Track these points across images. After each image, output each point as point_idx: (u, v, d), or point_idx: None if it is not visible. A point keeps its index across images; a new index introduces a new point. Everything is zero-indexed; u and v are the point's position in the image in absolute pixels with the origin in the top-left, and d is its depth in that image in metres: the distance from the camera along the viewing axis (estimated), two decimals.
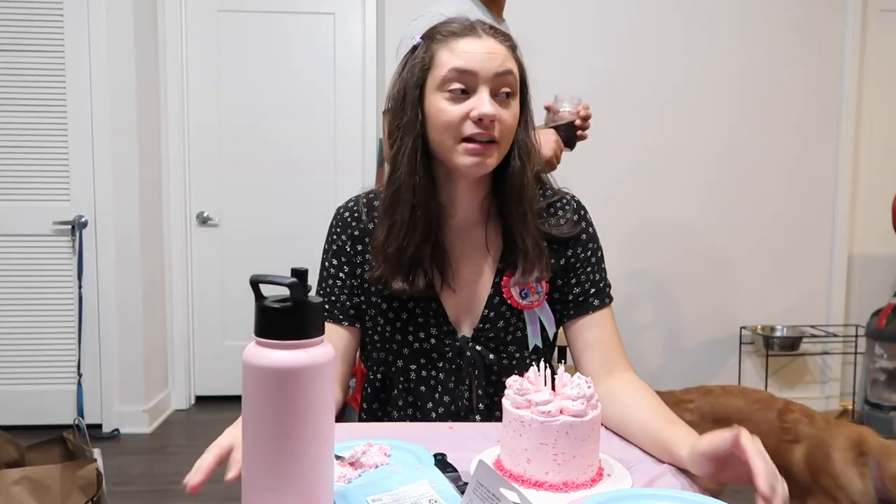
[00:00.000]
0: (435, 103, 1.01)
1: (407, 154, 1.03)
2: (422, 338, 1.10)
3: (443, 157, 1.04)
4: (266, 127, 3.39)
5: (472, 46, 1.00)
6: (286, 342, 0.64)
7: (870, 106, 3.39)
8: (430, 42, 1.04)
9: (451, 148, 1.01)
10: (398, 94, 1.05)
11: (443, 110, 1.00)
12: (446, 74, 1.00)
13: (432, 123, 1.02)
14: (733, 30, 3.25)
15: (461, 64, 0.99)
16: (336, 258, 1.12)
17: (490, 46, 1.01)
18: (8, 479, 1.72)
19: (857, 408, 3.32)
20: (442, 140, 1.02)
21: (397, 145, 1.05)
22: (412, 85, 1.03)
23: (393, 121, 1.06)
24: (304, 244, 3.35)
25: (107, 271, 3.02)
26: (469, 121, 1.00)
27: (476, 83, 1.00)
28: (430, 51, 1.03)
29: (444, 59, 1.01)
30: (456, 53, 1.00)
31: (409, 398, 1.12)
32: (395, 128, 1.06)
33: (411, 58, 1.05)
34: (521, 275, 1.07)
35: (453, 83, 1.00)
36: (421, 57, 1.03)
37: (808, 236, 3.38)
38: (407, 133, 1.03)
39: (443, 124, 1.01)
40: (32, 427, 2.92)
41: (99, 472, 1.84)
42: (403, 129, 1.04)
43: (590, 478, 0.81)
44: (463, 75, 0.99)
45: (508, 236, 1.09)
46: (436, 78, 1.01)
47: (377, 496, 0.73)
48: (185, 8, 3.32)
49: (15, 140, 2.94)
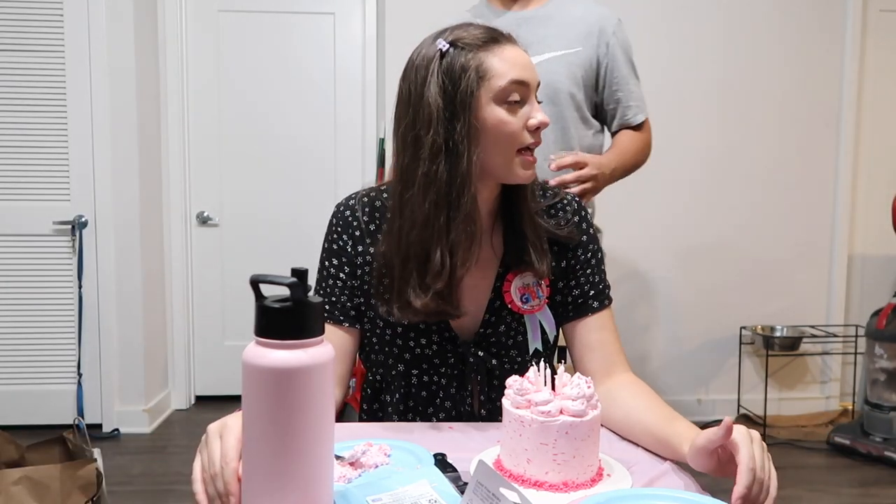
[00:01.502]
0: (494, 114, 0.98)
1: (471, 168, 0.97)
2: (423, 343, 1.09)
3: (496, 168, 1.02)
4: (266, 127, 3.39)
5: (517, 56, 1.00)
6: (286, 342, 0.64)
7: (870, 106, 3.39)
8: (466, 50, 0.98)
9: (510, 159, 1.01)
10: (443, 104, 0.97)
11: (505, 121, 0.99)
12: (507, 86, 0.98)
13: (490, 135, 0.99)
14: (732, 30, 3.25)
15: (519, 75, 0.99)
16: (336, 258, 1.10)
17: (526, 55, 1.03)
18: (8, 479, 1.72)
19: (857, 408, 3.32)
20: (500, 151, 1.00)
21: (453, 160, 0.97)
22: (468, 95, 0.97)
23: (438, 133, 0.97)
24: (305, 244, 3.34)
25: (107, 271, 3.02)
26: (526, 130, 1.01)
27: (528, 93, 1.01)
28: (476, 59, 0.98)
29: (500, 68, 0.98)
30: (509, 63, 0.98)
31: (409, 402, 1.12)
32: (446, 140, 0.97)
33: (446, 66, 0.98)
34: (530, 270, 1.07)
35: (513, 94, 0.99)
36: (469, 65, 0.97)
37: (807, 236, 3.38)
38: (470, 146, 0.97)
39: (507, 136, 0.99)
40: (32, 427, 2.91)
41: (99, 472, 1.84)
42: (465, 141, 0.97)
43: (590, 478, 0.81)
44: (520, 87, 0.99)
45: (510, 240, 1.08)
46: (492, 88, 0.98)
47: (377, 496, 0.73)
48: (185, 8, 3.31)
49: (15, 140, 2.94)
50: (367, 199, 1.12)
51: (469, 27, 1.02)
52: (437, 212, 0.98)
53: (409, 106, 1.00)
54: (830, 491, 2.55)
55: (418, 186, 0.99)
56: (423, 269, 1.00)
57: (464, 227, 0.99)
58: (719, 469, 0.81)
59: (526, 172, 1.02)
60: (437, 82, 0.97)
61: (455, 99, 0.97)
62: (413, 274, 1.01)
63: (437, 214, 0.98)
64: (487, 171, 1.02)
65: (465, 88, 0.96)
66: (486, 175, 1.02)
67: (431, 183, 0.98)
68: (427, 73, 0.98)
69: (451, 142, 0.97)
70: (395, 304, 1.03)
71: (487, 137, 0.99)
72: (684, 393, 3.36)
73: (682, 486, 0.82)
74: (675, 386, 3.34)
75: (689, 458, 0.84)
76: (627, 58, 1.75)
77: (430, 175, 0.98)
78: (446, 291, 1.01)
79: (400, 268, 1.02)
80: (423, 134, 0.98)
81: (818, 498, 2.49)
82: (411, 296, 1.01)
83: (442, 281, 0.99)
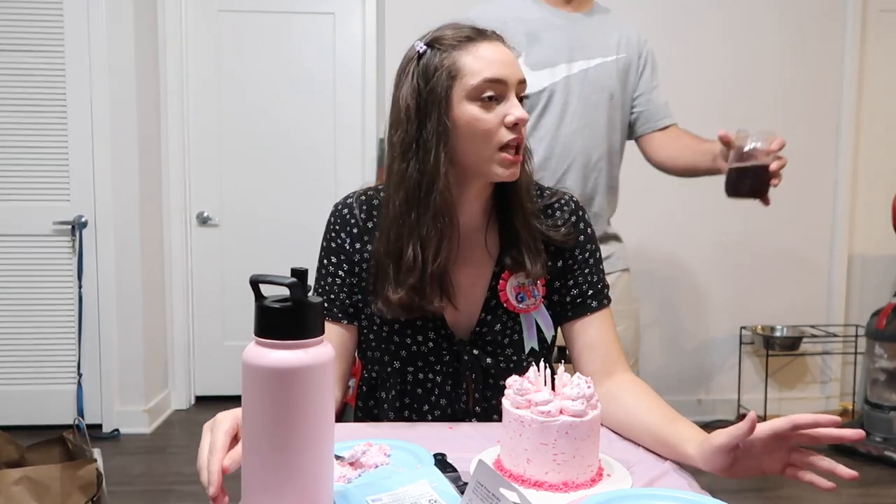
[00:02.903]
0: (467, 112, 0.99)
1: (438, 166, 0.99)
2: (419, 341, 1.09)
3: (474, 166, 1.02)
4: (266, 127, 3.39)
5: (495, 53, 1.00)
6: (286, 342, 0.64)
7: (870, 106, 3.39)
8: (442, 50, 1.00)
9: (489, 157, 1.01)
10: (415, 104, 1.00)
11: (479, 118, 0.99)
12: (479, 84, 0.98)
13: (464, 133, 1.00)
14: (732, 29, 3.25)
15: (494, 73, 0.98)
16: (335, 256, 1.11)
17: (507, 52, 1.02)
18: (8, 479, 1.72)
19: (857, 408, 3.32)
20: (476, 149, 1.00)
21: (424, 156, 0.99)
22: (439, 94, 0.99)
23: (408, 133, 1.00)
24: (304, 244, 3.34)
25: (107, 271, 3.02)
26: (503, 127, 1.00)
27: (505, 90, 1.00)
28: (450, 58, 0.99)
29: (473, 66, 0.98)
30: (485, 61, 0.99)
31: (405, 400, 1.12)
32: (413, 139, 1.00)
33: (422, 67, 1.00)
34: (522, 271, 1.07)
35: (486, 91, 0.99)
36: (442, 65, 0.99)
37: (808, 236, 3.38)
38: (439, 143, 0.99)
39: (481, 133, 0.99)
40: (32, 427, 2.91)
41: (99, 472, 1.84)
42: (433, 138, 0.99)
43: (589, 478, 0.81)
44: (495, 84, 0.99)
45: (506, 239, 1.09)
46: (465, 86, 0.98)
47: (377, 496, 0.73)
48: (185, 8, 3.31)
49: (15, 140, 2.94)
50: (365, 197, 1.13)
51: (453, 27, 1.03)
52: (407, 208, 1.01)
53: (391, 106, 1.05)
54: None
55: (393, 185, 1.03)
56: (398, 264, 1.03)
57: (433, 223, 1.01)
58: (733, 467, 0.81)
59: (506, 170, 1.01)
60: (410, 83, 1.01)
61: (427, 98, 0.99)
62: (390, 269, 1.04)
63: (407, 211, 1.01)
64: (469, 169, 1.03)
65: (434, 88, 0.99)
66: (469, 173, 1.04)
67: (402, 181, 1.01)
68: (405, 74, 1.02)
69: (421, 140, 1.00)
70: (379, 300, 1.06)
71: (463, 135, 1.00)
72: (684, 393, 3.36)
73: (682, 486, 0.82)
74: (675, 386, 3.34)
75: (701, 457, 0.83)
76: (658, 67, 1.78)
77: (402, 173, 1.01)
78: (419, 286, 1.02)
79: (381, 263, 1.05)
80: (397, 133, 1.02)
81: (818, 498, 2.49)
82: (389, 290, 1.03)
83: (414, 276, 1.01)
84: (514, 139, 1.00)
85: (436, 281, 1.03)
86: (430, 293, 1.03)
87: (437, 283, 1.03)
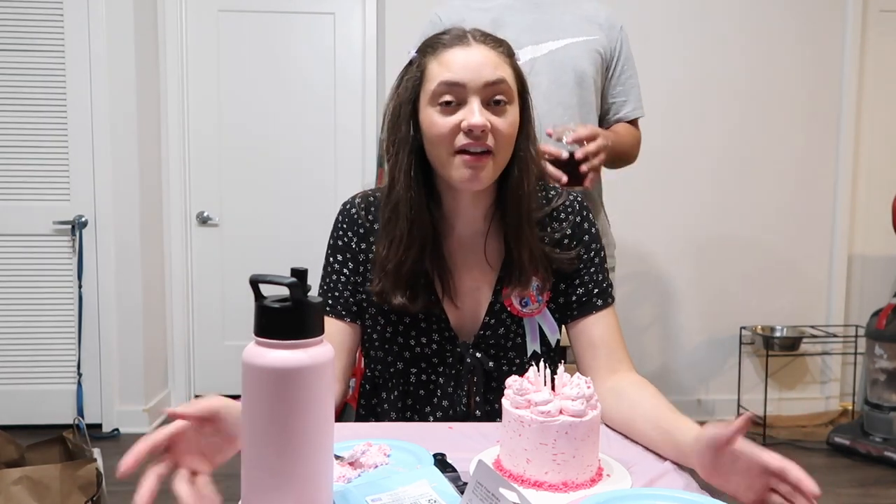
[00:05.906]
0: (428, 117, 1.01)
1: (403, 169, 1.04)
2: (423, 342, 1.10)
3: (440, 170, 1.04)
4: (266, 127, 3.38)
5: (460, 57, 1.00)
6: (286, 342, 0.64)
7: (870, 106, 3.39)
8: (422, 56, 1.04)
9: (447, 161, 1.01)
10: (394, 109, 1.05)
11: (435, 123, 1.00)
12: (436, 88, 0.99)
13: (427, 137, 1.02)
14: (732, 29, 3.25)
15: (449, 76, 0.99)
16: (341, 254, 1.12)
17: (480, 55, 1.00)
18: (8, 479, 1.72)
19: (857, 408, 3.32)
20: (437, 153, 1.02)
21: (393, 160, 1.05)
22: (406, 100, 1.03)
23: (389, 136, 1.06)
24: (304, 244, 3.35)
25: (107, 271, 3.02)
26: (462, 132, 0.99)
27: (465, 94, 0.99)
28: (422, 65, 1.03)
29: (435, 71, 1.01)
30: (445, 65, 1.00)
31: (407, 401, 1.13)
32: (391, 143, 1.06)
33: (406, 73, 1.06)
34: (518, 286, 1.08)
35: (444, 96, 0.99)
36: (414, 71, 1.04)
37: (808, 236, 3.38)
38: (402, 148, 1.04)
39: (436, 137, 1.00)
40: (32, 427, 2.91)
41: (99, 471, 1.84)
42: (399, 144, 1.04)
43: (589, 478, 0.81)
44: (452, 87, 0.99)
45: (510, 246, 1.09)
46: (427, 91, 1.01)
47: (377, 496, 0.73)
48: (185, 8, 3.31)
49: (15, 140, 2.94)
50: (373, 198, 1.14)
51: (446, 32, 1.05)
52: (384, 207, 1.08)
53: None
54: (830, 491, 2.55)
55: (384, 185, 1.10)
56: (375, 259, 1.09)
57: (395, 223, 1.05)
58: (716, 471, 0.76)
59: (463, 174, 1.00)
60: (395, 89, 1.07)
61: (400, 103, 1.04)
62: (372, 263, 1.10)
63: (383, 210, 1.08)
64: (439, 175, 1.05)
65: (404, 93, 1.04)
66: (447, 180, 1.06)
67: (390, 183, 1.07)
68: (396, 81, 1.07)
69: (394, 144, 1.05)
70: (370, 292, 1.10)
71: (427, 140, 1.03)
72: (684, 393, 3.36)
73: (682, 486, 0.82)
74: (675, 386, 3.34)
75: (693, 448, 0.81)
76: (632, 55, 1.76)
77: (386, 175, 1.08)
78: (388, 284, 1.05)
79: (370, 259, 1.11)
80: (387, 135, 1.07)
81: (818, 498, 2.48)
82: (373, 282, 1.08)
83: (384, 272, 1.06)
84: (466, 144, 0.99)
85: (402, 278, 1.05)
86: (391, 289, 1.05)
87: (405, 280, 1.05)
